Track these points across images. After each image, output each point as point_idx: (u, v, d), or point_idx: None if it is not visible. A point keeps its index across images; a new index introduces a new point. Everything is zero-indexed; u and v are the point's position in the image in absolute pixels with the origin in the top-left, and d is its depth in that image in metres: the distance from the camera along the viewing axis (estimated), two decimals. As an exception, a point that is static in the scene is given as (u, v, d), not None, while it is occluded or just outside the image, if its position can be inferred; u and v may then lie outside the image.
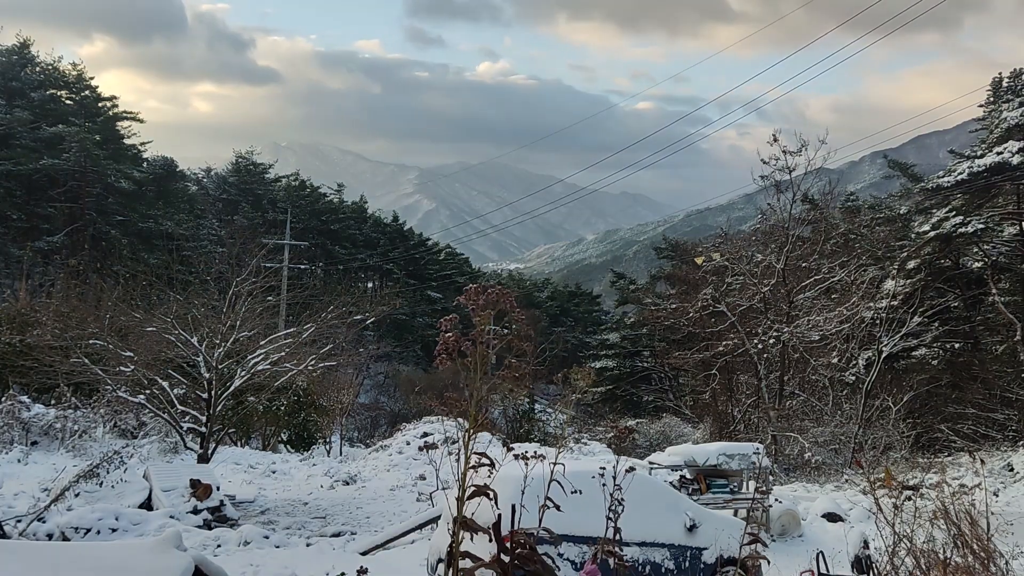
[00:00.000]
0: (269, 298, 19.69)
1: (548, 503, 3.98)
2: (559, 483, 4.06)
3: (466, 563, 3.67)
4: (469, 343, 3.69)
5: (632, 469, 7.30)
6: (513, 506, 4.17)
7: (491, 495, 3.70)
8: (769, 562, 4.69)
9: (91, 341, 16.47)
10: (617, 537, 4.48)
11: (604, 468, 4.73)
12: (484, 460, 3.75)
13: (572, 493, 4.31)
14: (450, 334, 3.67)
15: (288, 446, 26.81)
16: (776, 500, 13.79)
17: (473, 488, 3.71)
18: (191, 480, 13.50)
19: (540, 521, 3.89)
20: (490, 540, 4.17)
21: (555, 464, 4.11)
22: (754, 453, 13.37)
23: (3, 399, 19.96)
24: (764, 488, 5.78)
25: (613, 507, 4.19)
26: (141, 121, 54.27)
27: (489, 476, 3.75)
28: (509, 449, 4.09)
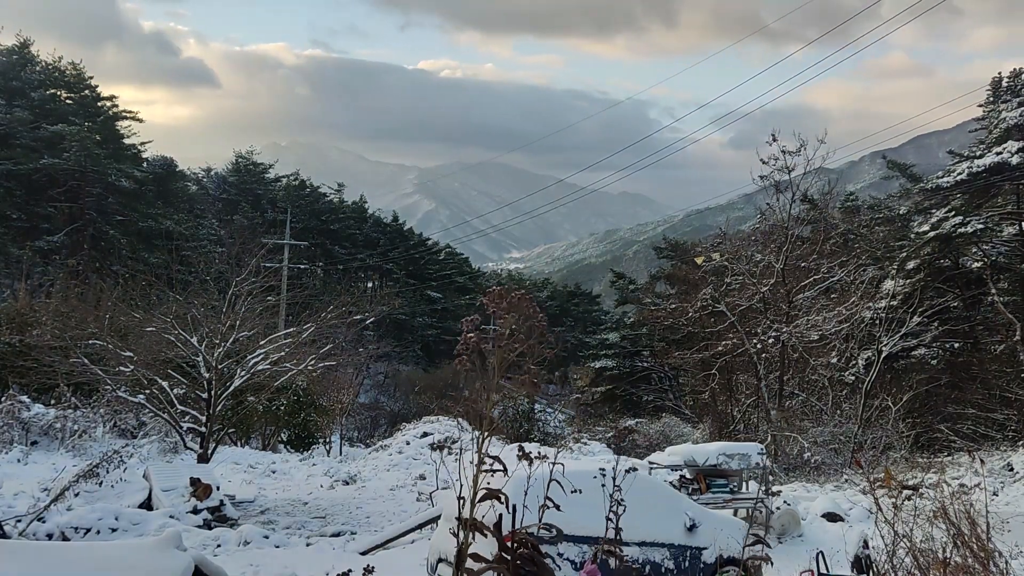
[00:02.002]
0: (269, 298, 19.68)
1: (548, 503, 3.98)
2: (559, 483, 4.07)
3: (472, 564, 3.67)
4: (488, 345, 3.70)
5: (633, 469, 7.31)
6: (514, 506, 4.18)
7: (503, 499, 3.71)
8: (772, 563, 4.70)
9: (91, 341, 16.47)
10: (618, 537, 4.48)
11: (603, 468, 4.73)
12: (497, 465, 3.76)
13: (572, 493, 4.32)
14: (472, 335, 3.68)
15: (288, 446, 26.82)
16: (784, 502, 13.78)
17: (484, 491, 3.71)
18: (191, 479, 13.51)
19: (540, 520, 3.90)
20: (486, 537, 4.17)
21: (554, 464, 4.11)
22: (758, 454, 13.37)
23: (3, 399, 19.95)
24: (769, 490, 5.80)
25: (614, 508, 4.20)
26: (141, 120, 54.28)
27: (492, 476, 3.75)
28: (524, 454, 4.07)
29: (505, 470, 3.74)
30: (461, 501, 3.82)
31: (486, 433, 3.75)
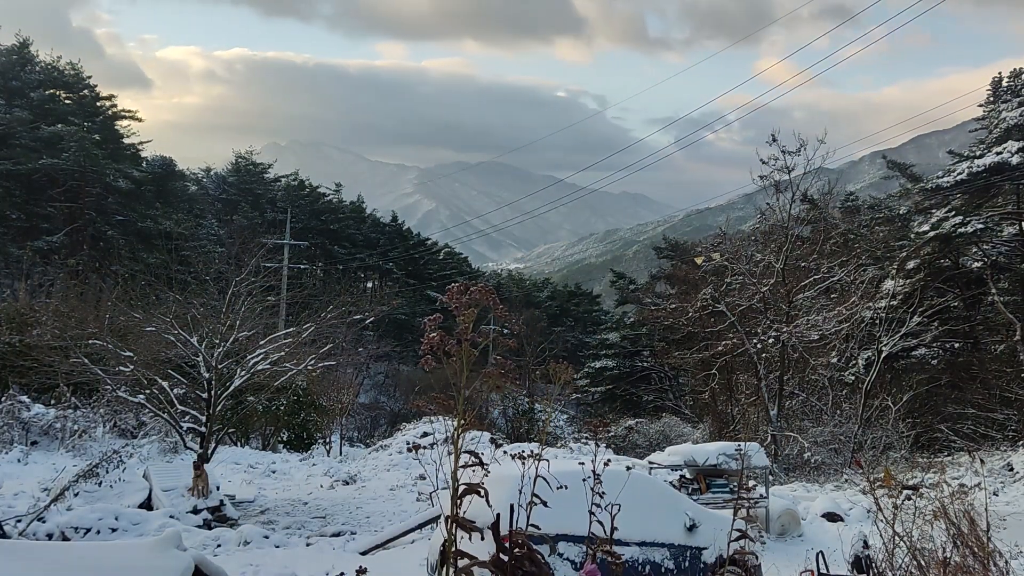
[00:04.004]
0: (269, 298, 19.64)
1: (536, 500, 3.98)
2: (545, 481, 4.07)
3: (463, 562, 3.67)
4: (454, 342, 3.70)
5: (629, 467, 7.30)
6: (512, 505, 4.18)
7: (482, 493, 3.71)
8: (757, 557, 4.71)
9: (91, 341, 16.44)
10: (615, 535, 4.48)
11: (583, 463, 4.74)
12: (473, 459, 3.77)
13: (558, 489, 4.32)
14: (434, 334, 3.68)
15: (287, 446, 26.81)
16: (761, 496, 13.77)
17: (465, 486, 3.71)
18: (194, 462, 13.62)
19: (528, 519, 3.90)
20: (482, 539, 4.17)
21: (539, 461, 4.11)
22: (736, 450, 13.36)
23: (3, 399, 19.95)
24: (747, 487, 5.81)
25: (596, 502, 4.20)
26: (140, 120, 54.27)
27: (479, 474, 3.76)
28: (498, 447, 4.12)
29: (481, 463, 3.74)
30: (451, 500, 3.83)
31: (460, 429, 3.76)
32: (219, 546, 11.58)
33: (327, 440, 28.58)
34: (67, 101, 51.21)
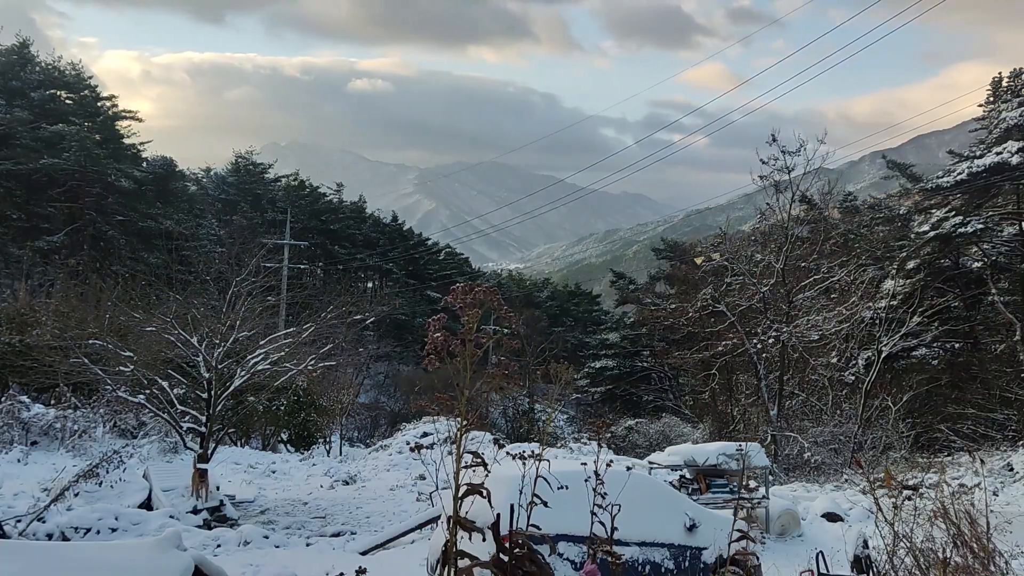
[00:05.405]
0: (269, 298, 19.65)
1: (536, 500, 3.99)
2: (546, 481, 4.08)
3: (463, 562, 3.68)
4: (458, 343, 3.69)
5: (629, 468, 7.31)
6: (512, 505, 4.18)
7: (484, 493, 3.71)
8: (758, 558, 4.71)
9: (91, 341, 16.44)
10: (615, 535, 4.48)
11: (584, 463, 4.74)
12: (475, 460, 3.76)
13: (559, 489, 4.32)
14: (439, 334, 3.67)
15: (288, 446, 26.81)
16: (763, 497, 13.77)
17: (467, 487, 3.71)
18: (196, 455, 13.68)
19: (528, 519, 3.90)
20: (483, 539, 4.16)
21: (540, 461, 4.11)
22: (737, 450, 13.37)
23: (3, 399, 19.95)
24: (751, 486, 5.81)
25: (598, 502, 4.20)
26: (140, 120, 54.22)
27: (480, 474, 3.76)
28: (500, 447, 4.13)
29: (484, 464, 3.74)
30: (453, 500, 3.83)
31: (463, 430, 3.75)
32: (219, 546, 11.58)
33: (327, 440, 28.58)
34: (68, 101, 51.17)
